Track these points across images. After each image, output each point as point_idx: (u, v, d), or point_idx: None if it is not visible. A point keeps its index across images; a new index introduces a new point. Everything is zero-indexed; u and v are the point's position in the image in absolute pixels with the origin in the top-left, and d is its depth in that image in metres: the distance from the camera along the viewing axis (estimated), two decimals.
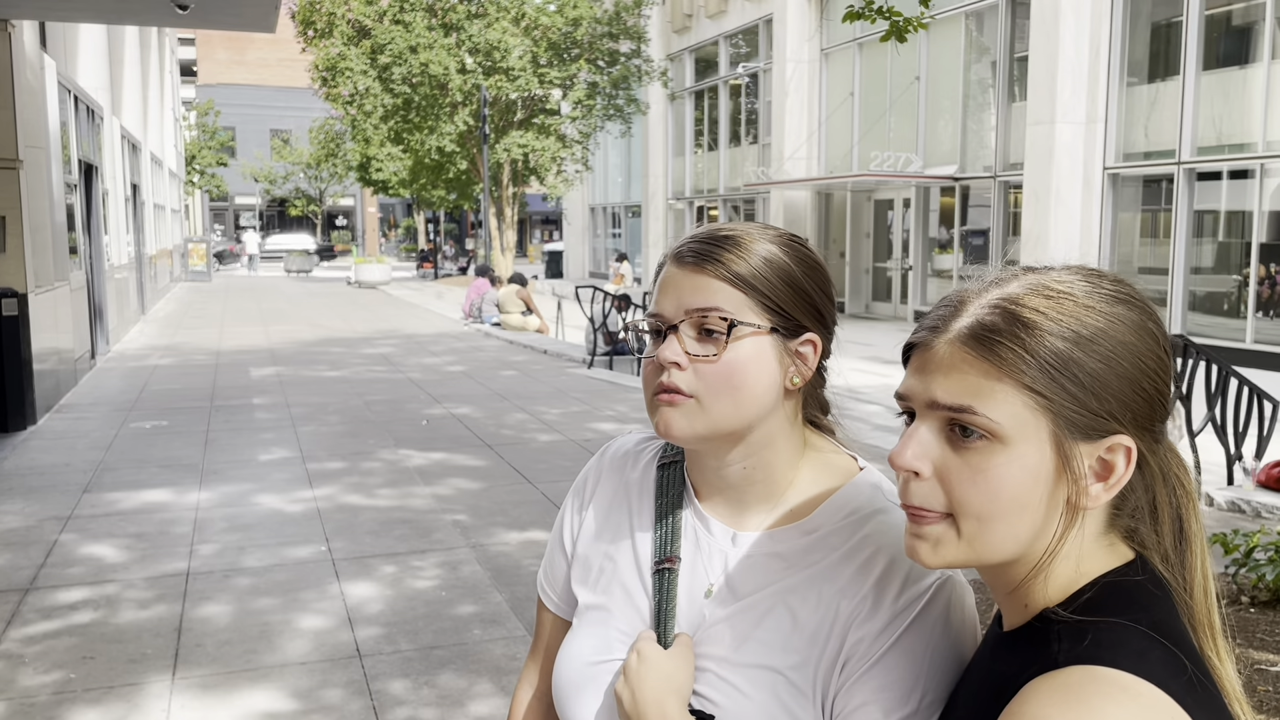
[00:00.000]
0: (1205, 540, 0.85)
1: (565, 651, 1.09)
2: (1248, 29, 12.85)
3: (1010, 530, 0.79)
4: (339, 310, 20.53)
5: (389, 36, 23.42)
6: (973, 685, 0.88)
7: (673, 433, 0.98)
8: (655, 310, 1.01)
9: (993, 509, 0.78)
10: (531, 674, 1.22)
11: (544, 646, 1.20)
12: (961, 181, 17.19)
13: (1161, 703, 0.71)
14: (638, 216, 29.03)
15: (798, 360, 1.00)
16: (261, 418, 8.43)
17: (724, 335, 0.96)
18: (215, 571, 4.63)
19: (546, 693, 1.19)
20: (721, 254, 0.98)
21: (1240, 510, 5.74)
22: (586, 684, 1.05)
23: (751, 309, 0.97)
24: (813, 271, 1.01)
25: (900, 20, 6.49)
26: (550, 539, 1.20)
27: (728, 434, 0.99)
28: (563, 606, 1.17)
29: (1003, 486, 0.78)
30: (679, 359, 0.97)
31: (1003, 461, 0.78)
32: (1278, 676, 3.25)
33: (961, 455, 0.79)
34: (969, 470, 0.79)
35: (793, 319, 0.99)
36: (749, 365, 0.97)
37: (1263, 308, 12.73)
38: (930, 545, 0.81)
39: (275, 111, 53.15)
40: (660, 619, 1.02)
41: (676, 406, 0.97)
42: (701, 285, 0.98)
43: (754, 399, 0.98)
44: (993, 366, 0.78)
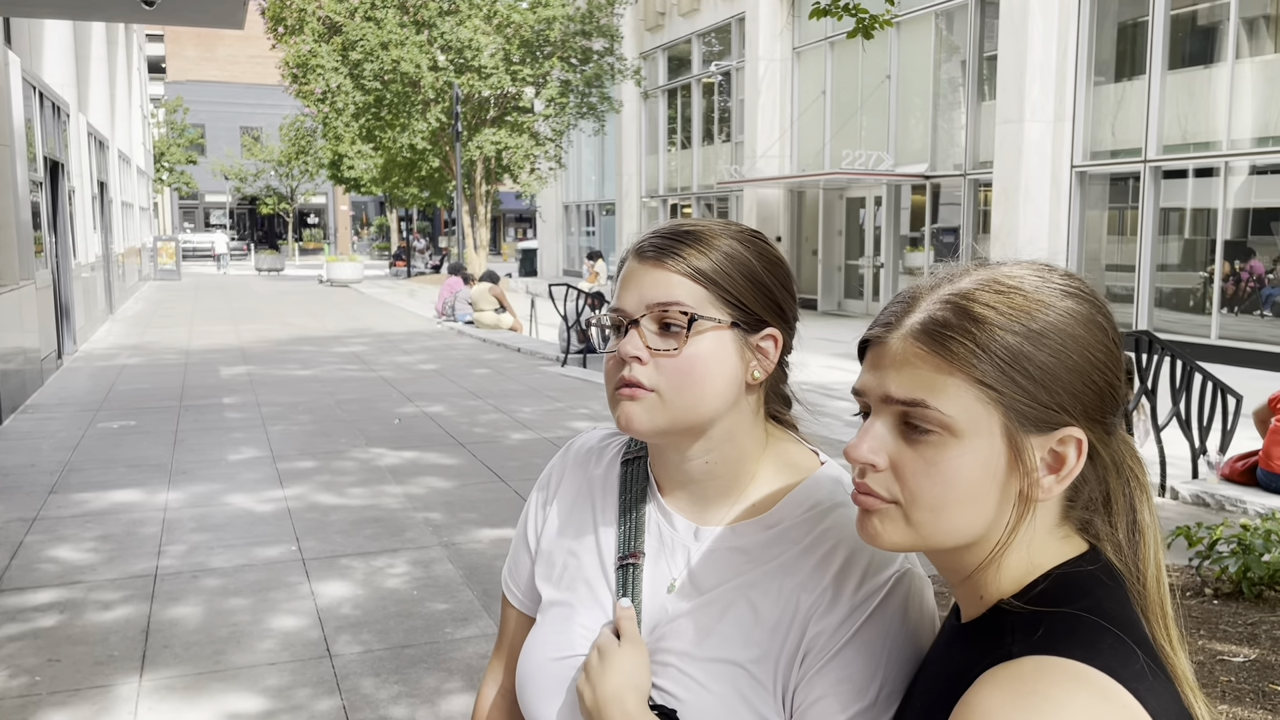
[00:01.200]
0: (1159, 531, 0.87)
1: (529, 648, 1.09)
2: (1212, 29, 13.03)
3: (962, 520, 0.80)
4: (311, 309, 20.39)
5: (360, 33, 23.28)
6: (930, 677, 0.89)
7: (634, 426, 0.99)
8: (617, 305, 1.01)
9: (945, 500, 0.79)
10: (496, 671, 1.22)
11: (508, 643, 1.20)
12: (932, 179, 17.32)
13: (1113, 691, 0.72)
14: (612, 214, 29.03)
15: (759, 355, 1.00)
16: (231, 417, 8.36)
17: (684, 329, 0.96)
18: (184, 572, 4.59)
19: (511, 689, 1.19)
20: (683, 249, 0.99)
21: (1205, 504, 5.83)
22: (549, 681, 1.05)
23: (712, 303, 0.98)
24: (773, 267, 1.01)
25: (866, 18, 6.54)
26: (514, 536, 1.20)
27: (689, 428, 1.00)
28: (527, 603, 1.17)
29: (956, 478, 0.79)
30: (640, 353, 0.97)
31: (955, 454, 0.79)
32: (1240, 666, 3.30)
33: (915, 448, 0.80)
34: (923, 463, 0.80)
35: (753, 314, 0.99)
36: (710, 359, 0.97)
37: (1227, 304, 12.91)
38: (885, 527, 0.82)
39: (245, 108, 52.68)
40: None
41: (638, 401, 0.98)
42: (662, 280, 0.98)
43: (715, 393, 0.98)
44: (944, 361, 0.79)
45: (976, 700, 0.73)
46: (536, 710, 1.06)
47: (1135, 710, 0.71)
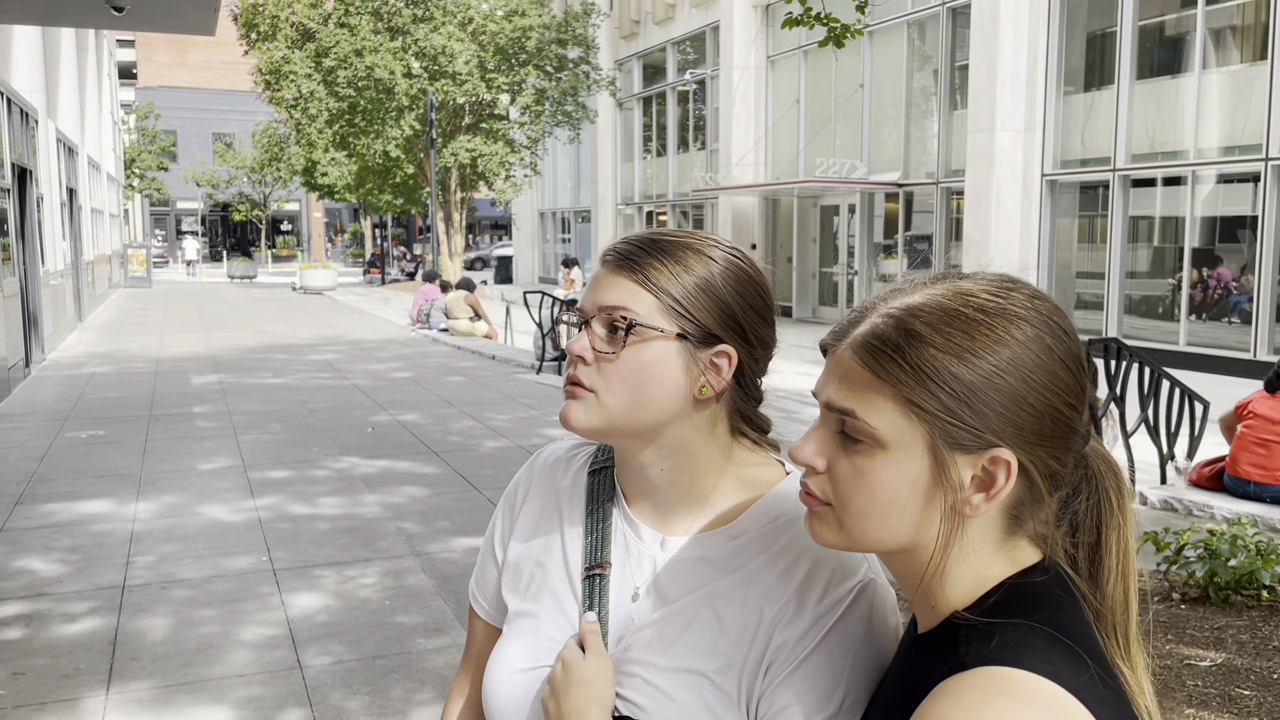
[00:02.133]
0: (1130, 553, 0.86)
1: (495, 660, 1.09)
2: (1179, 39, 13.21)
3: (885, 528, 0.82)
4: (283, 316, 20.25)
5: (333, 40, 23.18)
6: (889, 688, 0.90)
7: (570, 422, 1.00)
8: (579, 305, 1.03)
9: (869, 508, 0.81)
10: (463, 682, 1.22)
11: (475, 654, 1.19)
12: (905, 188, 17.44)
13: (1063, 700, 0.72)
14: (587, 221, 29.03)
15: (710, 370, 1.00)
16: (202, 426, 8.29)
17: (624, 335, 0.98)
18: (152, 584, 4.55)
19: (478, 701, 1.18)
20: (643, 258, 1.00)
21: (1173, 509, 5.89)
22: (516, 692, 1.05)
23: (661, 313, 0.98)
24: (740, 285, 1.01)
25: (838, 27, 6.59)
26: (482, 546, 1.20)
27: (629, 431, 1.00)
28: (493, 614, 1.17)
29: (879, 488, 0.81)
30: (585, 353, 0.99)
31: (880, 465, 0.80)
32: (1207, 671, 3.34)
33: (849, 455, 0.82)
34: (852, 470, 0.82)
35: (705, 328, 0.99)
36: (649, 367, 0.98)
37: (1195, 311, 13.07)
38: (820, 526, 0.86)
39: (217, 115, 52.29)
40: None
41: (578, 399, 1.00)
42: (616, 285, 1.00)
43: (652, 400, 0.98)
44: (875, 377, 0.80)
45: (931, 710, 0.74)
46: (497, 713, 1.06)
47: (1082, 717, 0.72)
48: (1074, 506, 0.85)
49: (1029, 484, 0.81)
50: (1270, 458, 5.77)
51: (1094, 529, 0.85)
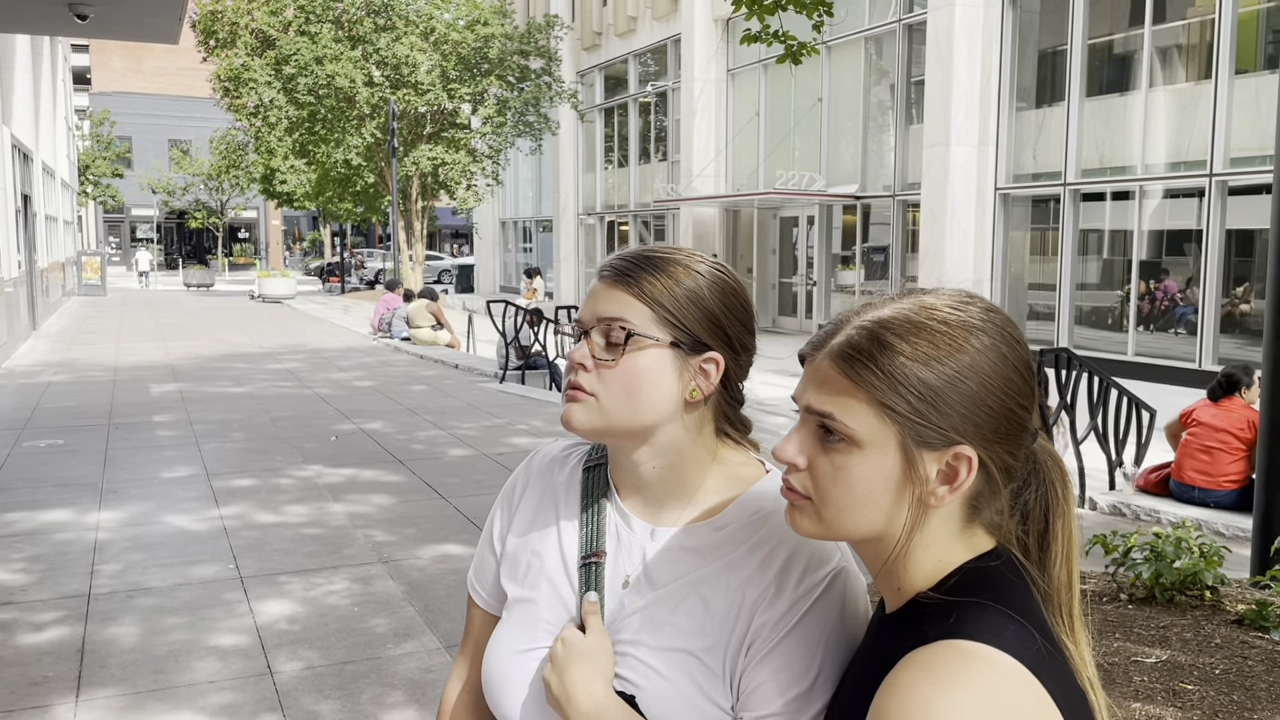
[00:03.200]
0: (1073, 541, 0.97)
1: (494, 642, 1.17)
2: (1127, 58, 13.58)
3: (861, 518, 0.91)
4: (242, 325, 20.08)
5: (294, 47, 23.06)
6: (859, 664, 0.99)
7: (572, 424, 1.09)
8: (577, 317, 1.13)
9: (847, 501, 0.91)
10: (461, 668, 1.30)
11: (473, 641, 1.28)
12: (862, 200, 17.71)
13: (1014, 669, 0.83)
14: (549, 231, 29.08)
15: (700, 375, 1.10)
16: (163, 435, 8.24)
17: (623, 344, 1.07)
18: (118, 592, 4.54)
19: (476, 685, 1.26)
20: (638, 273, 1.09)
21: (1121, 513, 6.08)
22: (514, 672, 1.13)
23: (655, 324, 1.08)
24: (726, 297, 1.11)
25: (795, 44, 6.75)
26: (480, 539, 1.28)
27: (627, 432, 1.09)
28: (491, 603, 1.25)
29: (856, 483, 0.90)
30: (585, 361, 1.08)
31: (857, 462, 0.90)
32: (1152, 667, 3.48)
33: (827, 454, 0.92)
34: (831, 467, 0.91)
35: (695, 337, 1.09)
36: (645, 373, 1.07)
37: (1143, 322, 13.42)
38: (800, 518, 0.95)
39: (174, 121, 51.68)
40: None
41: (579, 402, 1.09)
42: (614, 298, 1.09)
43: (649, 403, 1.08)
44: (850, 383, 0.90)
45: (898, 679, 0.84)
46: (501, 700, 1.14)
47: (1034, 685, 0.83)
48: (1024, 498, 0.96)
49: (986, 477, 0.91)
50: (1214, 464, 5.98)
51: (1042, 518, 0.96)
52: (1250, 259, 12.29)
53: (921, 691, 0.81)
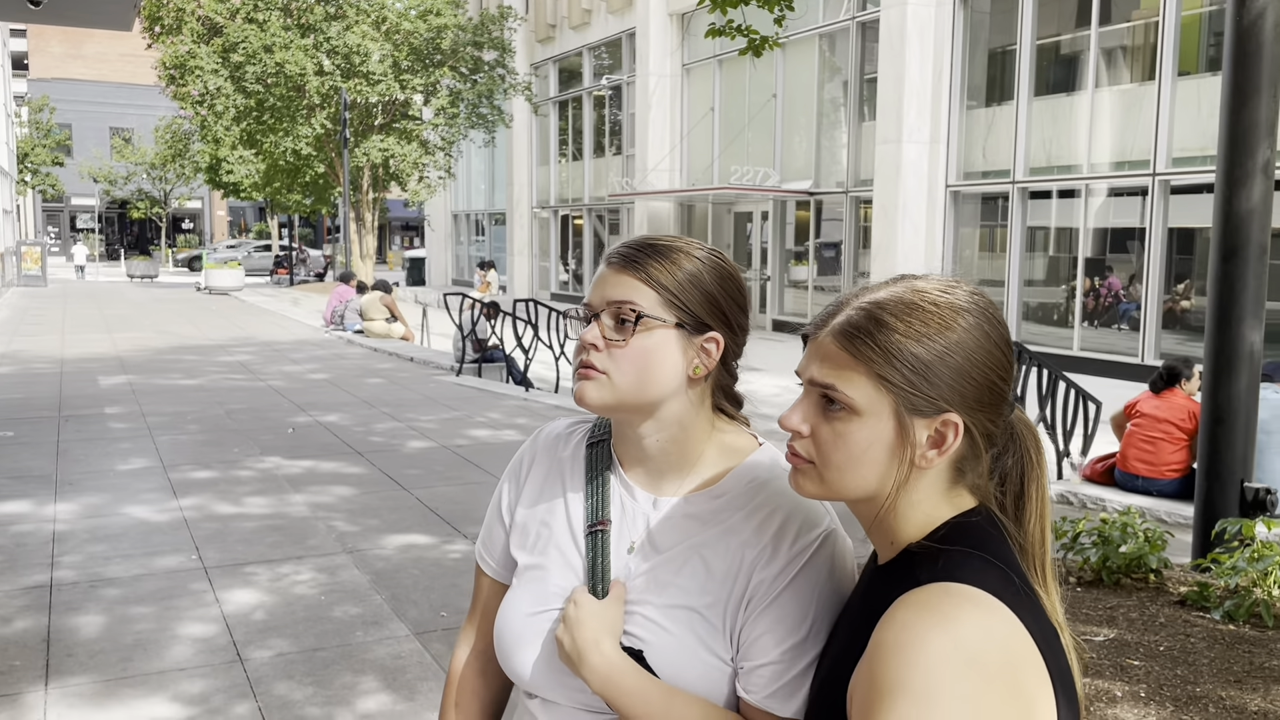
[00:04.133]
0: (1045, 500, 1.08)
1: (507, 606, 1.24)
2: (1074, 58, 13.90)
3: (859, 478, 1.02)
4: (189, 317, 19.78)
5: (242, 35, 22.72)
6: (852, 612, 1.09)
7: (586, 400, 1.17)
8: (586, 301, 1.20)
9: (847, 463, 1.01)
10: (469, 633, 1.37)
11: (481, 608, 1.35)
12: (816, 196, 17.92)
13: (997, 606, 0.93)
14: (502, 224, 28.98)
15: (702, 354, 1.18)
16: (116, 427, 8.14)
17: (633, 325, 1.15)
18: (80, 583, 4.51)
19: (483, 649, 1.34)
20: (643, 259, 1.17)
21: (1069, 502, 6.27)
22: (527, 633, 1.21)
23: (661, 306, 1.16)
24: (724, 281, 1.19)
25: (758, 38, 6.85)
26: (488, 512, 1.35)
27: (635, 407, 1.17)
28: (500, 571, 1.32)
29: (855, 447, 1.00)
30: (596, 341, 1.16)
31: (856, 429, 1.00)
32: (1100, 645, 3.63)
33: (829, 422, 1.01)
34: (832, 433, 1.01)
35: (698, 318, 1.17)
36: (653, 352, 1.15)
37: (1088, 318, 13.76)
38: (804, 480, 1.05)
39: (116, 109, 50.60)
40: (597, 573, 1.19)
41: (591, 380, 1.16)
42: (622, 283, 1.17)
43: (656, 380, 1.16)
44: (850, 357, 1.00)
45: (894, 616, 0.94)
46: (514, 659, 1.21)
47: (1013, 621, 0.93)
48: (1003, 462, 1.07)
49: (970, 443, 1.02)
50: (1156, 454, 6.20)
51: (1019, 481, 1.07)
52: (1191, 257, 12.67)
53: (916, 626, 0.91)
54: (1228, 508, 4.63)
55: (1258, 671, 3.39)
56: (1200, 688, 3.26)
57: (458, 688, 1.36)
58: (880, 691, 0.91)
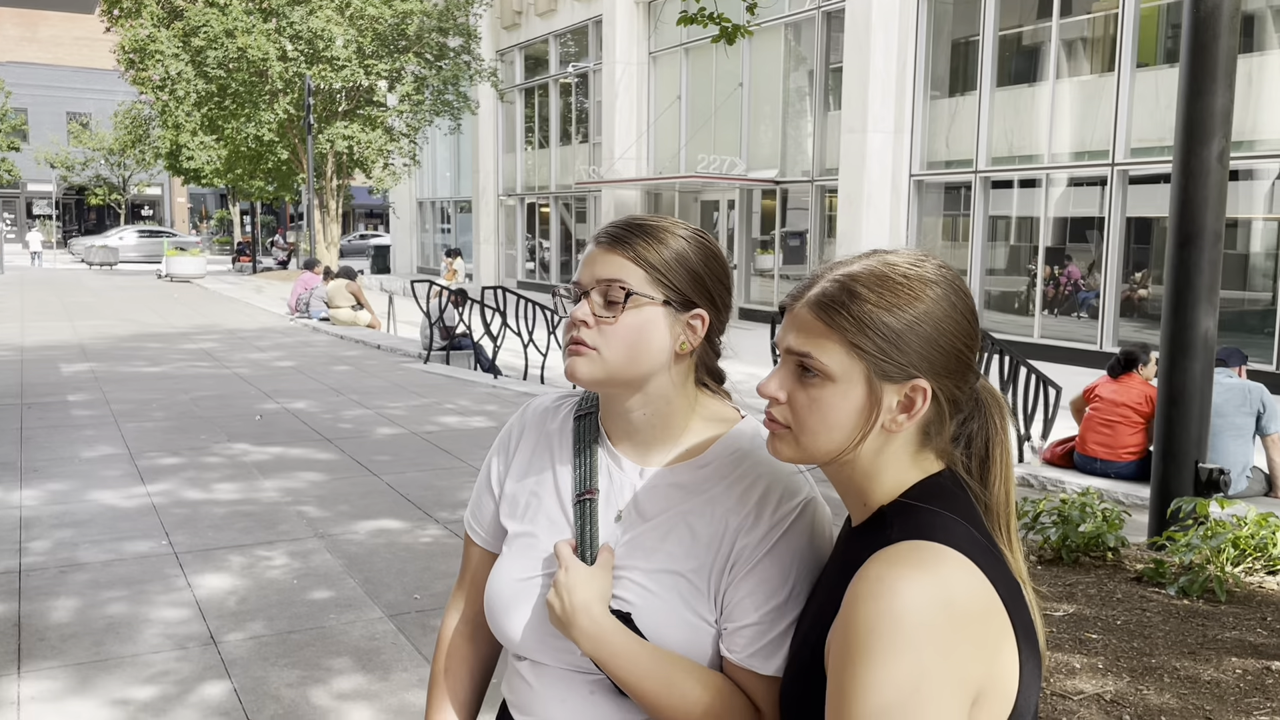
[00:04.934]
0: (1008, 463, 1.14)
1: (496, 573, 1.29)
2: (1035, 49, 14.08)
3: (832, 442, 1.07)
4: (152, 305, 19.55)
5: (203, 19, 22.40)
6: (830, 571, 1.15)
7: (577, 375, 1.21)
8: (575, 279, 1.24)
9: (821, 427, 1.07)
10: (458, 601, 1.41)
11: (470, 577, 1.39)
12: (782, 185, 18.02)
13: (963, 562, 0.99)
14: (467, 212, 28.84)
15: (687, 331, 1.23)
16: (80, 415, 8.06)
17: (622, 303, 1.19)
18: (50, 568, 4.50)
19: (472, 616, 1.39)
20: (632, 239, 1.22)
21: (1029, 484, 6.41)
22: (517, 597, 1.25)
23: (650, 284, 1.20)
24: (709, 260, 1.24)
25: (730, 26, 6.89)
26: (477, 484, 1.39)
27: (624, 382, 1.22)
28: (489, 540, 1.36)
29: (829, 412, 1.06)
30: (587, 318, 1.20)
31: (830, 395, 1.06)
32: (1060, 620, 3.74)
33: (805, 388, 1.07)
34: (808, 399, 1.07)
35: (685, 296, 1.22)
36: (642, 329, 1.20)
37: (1048, 306, 13.98)
38: (781, 445, 1.10)
39: (73, 93, 49.64)
40: (585, 541, 1.24)
41: (582, 355, 1.21)
42: (611, 262, 1.21)
43: (645, 356, 1.21)
44: (826, 326, 1.06)
45: (868, 571, 1.00)
46: (504, 623, 1.26)
47: (978, 575, 0.99)
48: (969, 427, 1.13)
49: (938, 408, 1.08)
50: (1114, 437, 6.34)
51: (984, 445, 1.13)
52: (1149, 246, 12.90)
53: (889, 580, 0.97)
54: (1183, 488, 4.76)
55: (1210, 643, 3.51)
56: (1155, 659, 3.38)
57: (447, 653, 1.41)
58: (855, 640, 0.97)
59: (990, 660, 0.99)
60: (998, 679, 1.00)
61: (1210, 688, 3.16)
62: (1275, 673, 3.27)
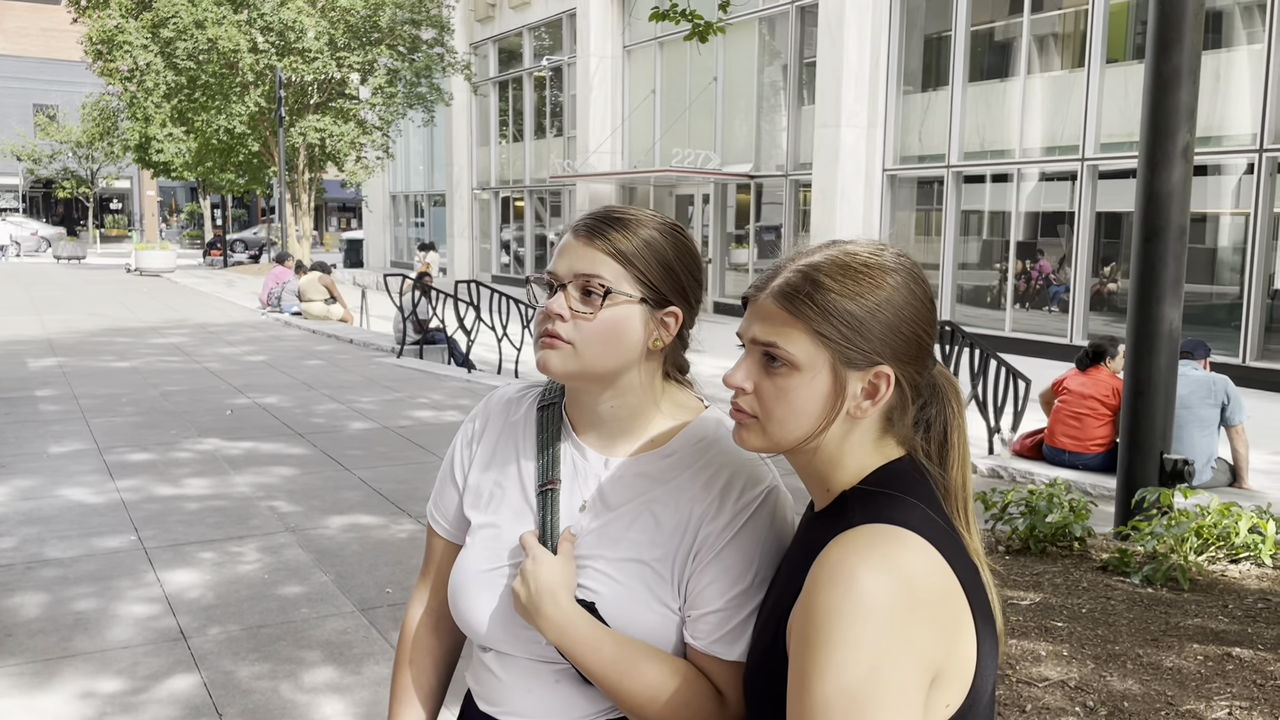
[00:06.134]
0: (965, 448, 1.16)
1: (461, 563, 1.29)
2: (1007, 45, 14.19)
3: (799, 429, 1.09)
4: (121, 299, 19.33)
5: (172, 10, 22.15)
6: (791, 557, 1.16)
7: (550, 369, 1.21)
8: (551, 270, 1.23)
9: (788, 416, 1.08)
10: (422, 593, 1.42)
11: (434, 569, 1.40)
12: (756, 179, 18.06)
13: (922, 545, 1.01)
14: (441, 205, 28.71)
15: (661, 327, 1.24)
16: (48, 410, 7.97)
17: (601, 299, 1.19)
18: (16, 564, 4.45)
19: (436, 608, 1.40)
20: (610, 232, 1.21)
21: (999, 476, 6.47)
22: (482, 587, 1.26)
23: (627, 280, 1.20)
24: (684, 256, 1.25)
25: (702, 23, 6.91)
26: (440, 475, 1.40)
27: (596, 376, 1.22)
28: (452, 532, 1.37)
29: (796, 401, 1.08)
30: (563, 312, 1.20)
31: (797, 383, 1.07)
32: (1026, 609, 3.79)
33: (770, 378, 1.08)
34: (774, 388, 1.08)
35: (660, 293, 1.23)
36: (619, 325, 1.20)
37: (1019, 300, 14.10)
38: (748, 434, 1.11)
39: (39, 85, 48.94)
40: (547, 530, 1.25)
41: (556, 349, 1.20)
42: (590, 256, 1.20)
43: (620, 352, 1.21)
44: (790, 315, 1.07)
45: (828, 555, 1.01)
46: (468, 613, 1.26)
47: (937, 558, 1.01)
48: (928, 413, 1.15)
49: (900, 394, 1.10)
50: (1082, 429, 6.42)
51: (942, 430, 1.15)
52: (1118, 240, 13.04)
53: (848, 561, 0.99)
54: (1148, 478, 4.83)
55: (1173, 631, 3.57)
56: (1119, 646, 3.43)
57: (411, 644, 1.41)
58: (815, 624, 0.99)
59: (949, 641, 1.01)
60: (956, 659, 1.02)
61: (1172, 674, 3.22)
62: (1236, 659, 3.33)
